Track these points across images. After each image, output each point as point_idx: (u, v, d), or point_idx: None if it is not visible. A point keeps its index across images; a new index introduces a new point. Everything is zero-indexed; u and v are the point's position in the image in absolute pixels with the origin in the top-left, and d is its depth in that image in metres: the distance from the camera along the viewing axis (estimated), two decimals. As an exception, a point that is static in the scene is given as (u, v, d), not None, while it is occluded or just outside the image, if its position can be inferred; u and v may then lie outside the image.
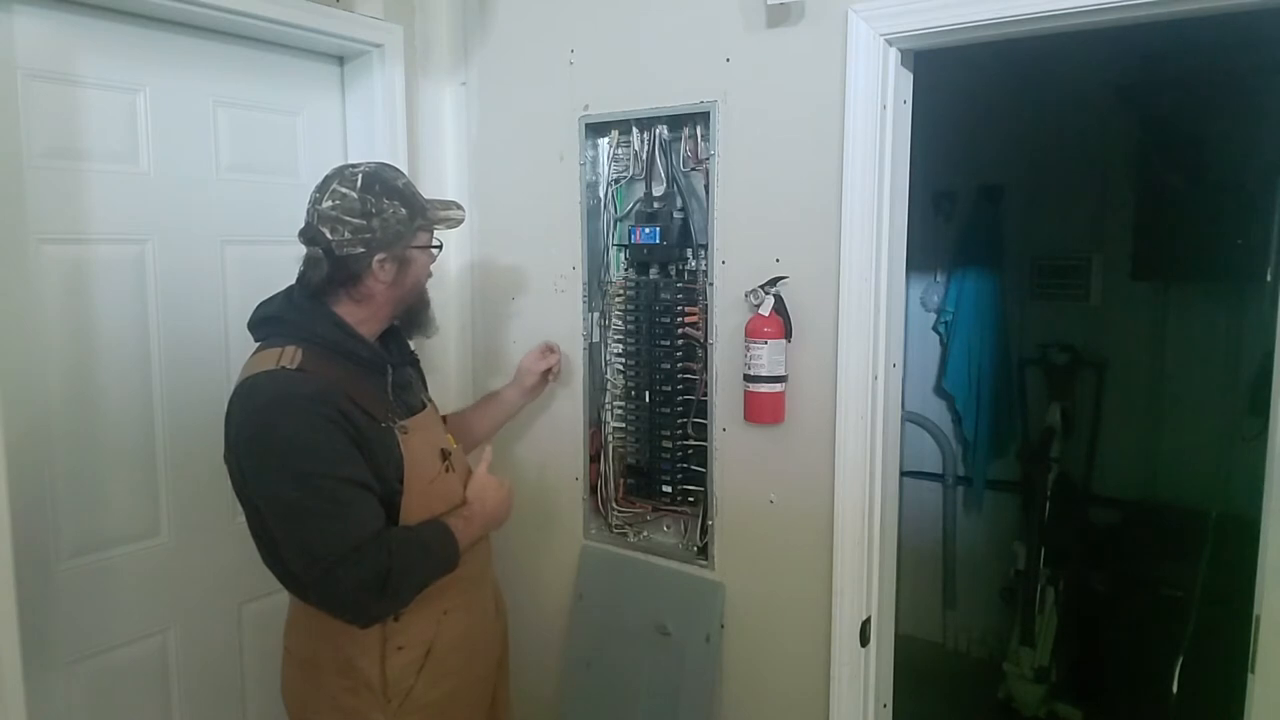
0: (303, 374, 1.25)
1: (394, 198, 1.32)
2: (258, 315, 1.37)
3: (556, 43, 1.92)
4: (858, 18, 1.50)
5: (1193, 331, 2.86)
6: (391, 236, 1.31)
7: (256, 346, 1.35)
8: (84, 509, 1.65)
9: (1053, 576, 2.83)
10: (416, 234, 1.36)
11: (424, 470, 1.36)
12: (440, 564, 1.32)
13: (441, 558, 1.32)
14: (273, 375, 1.25)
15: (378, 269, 1.32)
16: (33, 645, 1.48)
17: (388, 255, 1.32)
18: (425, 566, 1.30)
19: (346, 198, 1.29)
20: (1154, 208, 2.74)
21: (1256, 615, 1.29)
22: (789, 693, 1.73)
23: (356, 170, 1.33)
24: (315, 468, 1.21)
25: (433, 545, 1.32)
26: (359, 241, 1.29)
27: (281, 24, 1.79)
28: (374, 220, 1.29)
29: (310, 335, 1.30)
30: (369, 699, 1.33)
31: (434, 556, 1.31)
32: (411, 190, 1.36)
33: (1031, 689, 2.79)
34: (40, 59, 1.55)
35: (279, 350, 1.28)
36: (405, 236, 1.33)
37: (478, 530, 1.42)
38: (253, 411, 1.25)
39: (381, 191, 1.31)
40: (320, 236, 1.29)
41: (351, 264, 1.31)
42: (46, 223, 1.57)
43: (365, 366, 1.35)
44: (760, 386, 1.63)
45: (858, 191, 1.54)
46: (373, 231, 1.29)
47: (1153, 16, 1.32)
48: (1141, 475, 2.97)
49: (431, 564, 1.31)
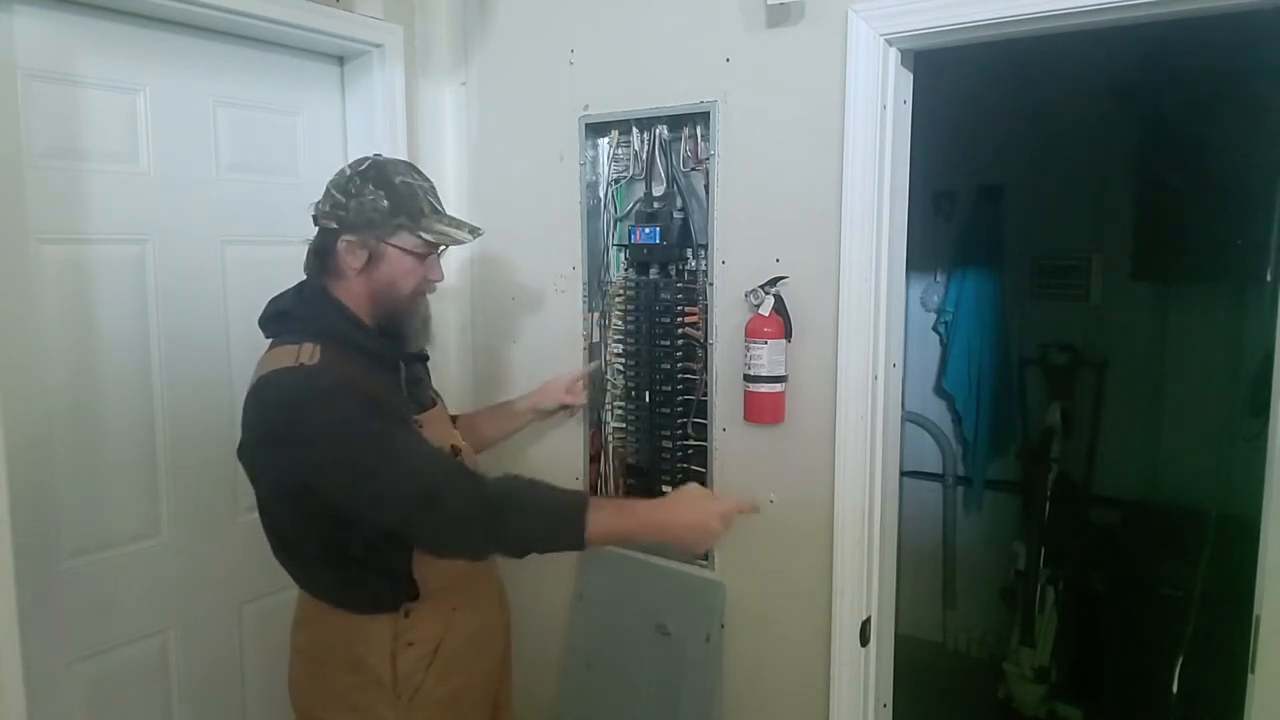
0: (323, 370, 1.25)
1: (381, 188, 1.32)
2: (269, 311, 1.37)
3: (556, 43, 1.92)
4: (858, 18, 1.50)
5: (1193, 331, 2.86)
6: (361, 221, 1.31)
7: (270, 343, 1.35)
8: (84, 509, 1.65)
9: (1053, 576, 2.83)
10: (396, 231, 1.33)
11: None
12: (555, 530, 1.23)
13: (559, 525, 1.22)
14: (293, 371, 1.25)
15: (346, 250, 1.32)
16: (33, 645, 1.48)
17: (356, 240, 1.32)
18: (540, 525, 1.23)
19: (342, 174, 1.35)
20: (1154, 208, 2.74)
21: (1256, 615, 1.29)
22: (789, 692, 1.73)
23: (373, 157, 1.38)
24: (362, 426, 1.20)
25: (556, 510, 1.23)
26: (333, 217, 1.33)
27: (281, 24, 1.79)
28: (351, 201, 1.31)
29: (324, 331, 1.30)
30: (378, 695, 1.33)
31: (553, 521, 1.23)
32: (410, 192, 1.34)
33: (1031, 689, 2.79)
34: (40, 59, 1.55)
35: (296, 347, 1.27)
36: (378, 227, 1.32)
37: (634, 525, 1.32)
38: (278, 408, 1.24)
39: (373, 179, 1.32)
40: (318, 204, 1.35)
41: (325, 237, 1.34)
42: (46, 223, 1.57)
43: (378, 361, 1.35)
44: (760, 386, 1.63)
45: (858, 191, 1.54)
46: (346, 210, 1.31)
47: (1153, 16, 1.32)
48: (1141, 475, 2.97)
49: (547, 526, 1.23)
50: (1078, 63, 2.67)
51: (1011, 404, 3.20)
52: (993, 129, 3.04)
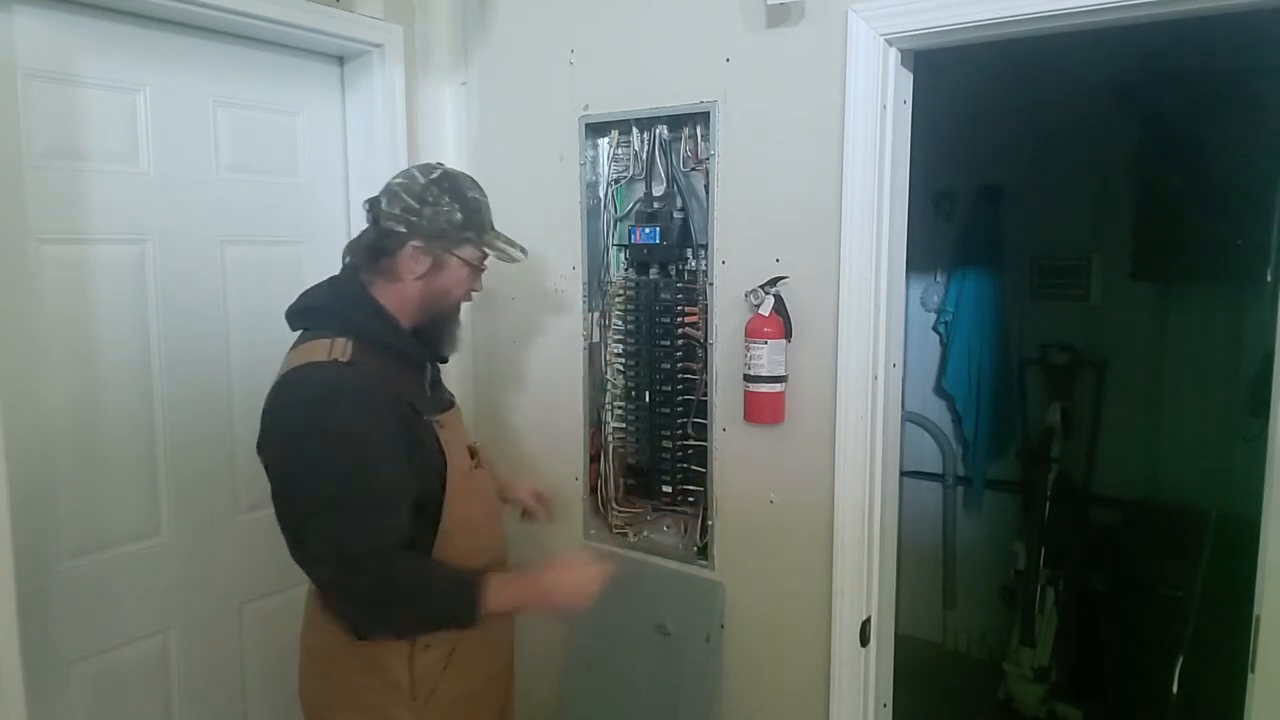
0: (355, 367, 1.25)
1: (456, 200, 1.35)
2: (301, 304, 1.38)
3: (556, 43, 1.93)
4: (858, 18, 1.50)
5: (1193, 331, 2.86)
6: (435, 231, 1.33)
7: (299, 336, 1.35)
8: (84, 509, 1.65)
9: (1053, 576, 2.83)
10: (462, 244, 1.37)
11: (459, 465, 1.37)
12: (445, 617, 1.28)
13: (450, 613, 1.27)
14: (324, 367, 1.25)
15: (411, 255, 1.34)
16: (33, 645, 1.48)
17: (425, 246, 1.34)
18: (428, 615, 1.27)
19: (414, 180, 1.35)
20: (1154, 208, 2.74)
21: (1256, 615, 1.29)
22: (789, 692, 1.73)
23: (440, 166, 1.39)
24: (363, 461, 1.21)
25: (446, 596, 1.27)
26: (404, 221, 1.33)
27: (281, 24, 1.79)
28: (426, 208, 1.33)
29: (357, 327, 1.31)
30: (394, 697, 1.33)
31: (441, 609, 1.27)
32: (478, 207, 1.38)
33: (1031, 689, 2.79)
34: (40, 59, 1.55)
35: (329, 342, 1.27)
36: (448, 238, 1.35)
37: (522, 599, 1.34)
38: (306, 403, 1.24)
39: (447, 190, 1.35)
40: (377, 204, 1.36)
41: (390, 239, 1.34)
42: (46, 223, 1.57)
43: (406, 361, 1.36)
44: (760, 386, 1.63)
45: (858, 191, 1.54)
46: (420, 216, 1.33)
47: (1153, 16, 1.32)
48: (1141, 475, 2.97)
49: (435, 614, 1.27)
50: (1078, 63, 2.67)
51: (1011, 404, 3.20)
52: (993, 129, 3.03)
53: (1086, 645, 2.85)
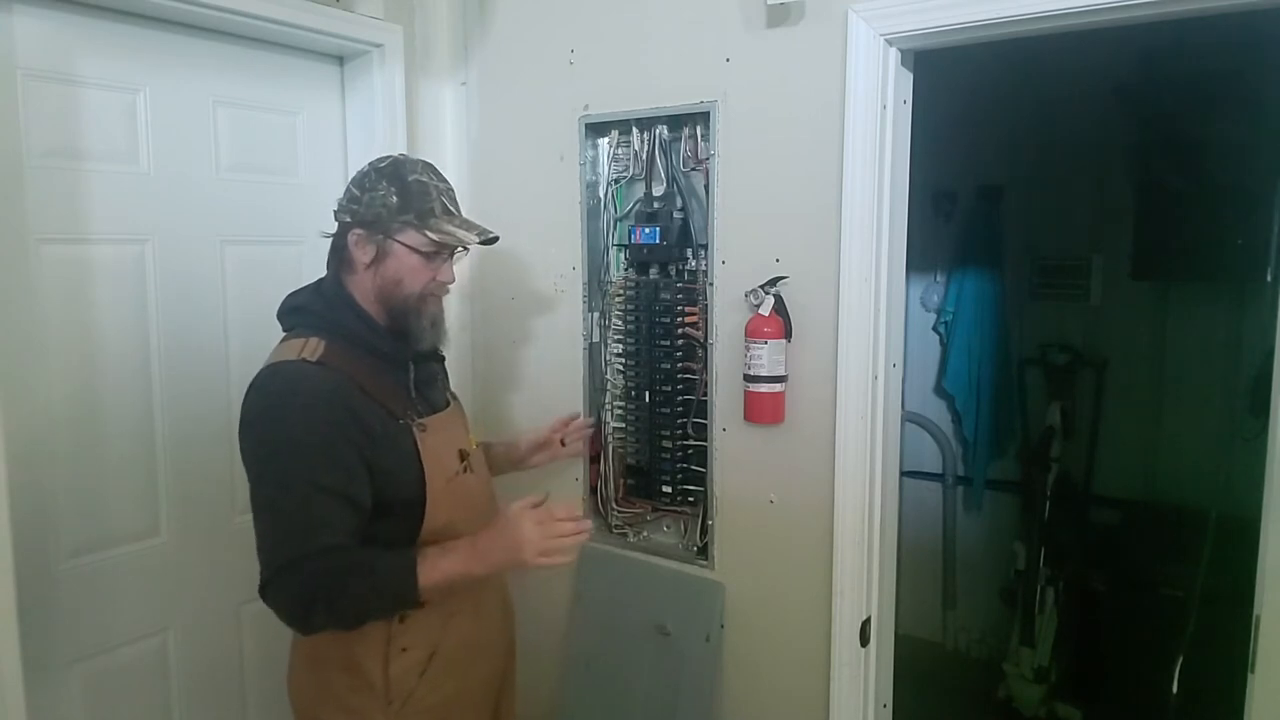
0: (320, 368, 1.26)
1: (394, 185, 1.34)
2: (286, 305, 1.39)
3: (556, 43, 1.92)
4: (858, 18, 1.50)
5: (1193, 331, 2.87)
6: (371, 217, 1.33)
7: (283, 335, 1.37)
8: (84, 509, 1.65)
9: (1053, 577, 2.83)
10: (403, 229, 1.33)
11: (441, 469, 1.36)
12: (387, 598, 1.25)
13: (390, 592, 1.24)
14: (290, 366, 1.26)
15: (355, 243, 1.35)
16: (33, 645, 1.48)
17: (365, 234, 1.34)
18: (368, 597, 1.24)
19: (360, 171, 1.39)
20: (1154, 208, 2.74)
21: (1256, 615, 1.29)
22: (789, 693, 1.73)
23: (393, 156, 1.41)
24: (300, 471, 1.21)
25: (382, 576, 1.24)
26: (347, 210, 1.36)
27: (281, 24, 1.79)
28: (365, 195, 1.34)
29: (334, 327, 1.32)
30: (370, 699, 1.33)
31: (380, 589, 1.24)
32: (423, 190, 1.34)
33: (1031, 689, 2.79)
34: (40, 59, 1.55)
35: (302, 341, 1.29)
36: (385, 223, 1.33)
37: (464, 566, 1.26)
38: (263, 399, 1.26)
39: (387, 176, 1.35)
40: (340, 199, 1.39)
41: (339, 230, 1.38)
42: (46, 223, 1.57)
43: (387, 361, 1.36)
44: (760, 386, 1.63)
45: (858, 191, 1.54)
46: (359, 204, 1.34)
47: (1153, 16, 1.32)
48: (1141, 475, 2.97)
49: (376, 596, 1.24)
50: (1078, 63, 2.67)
51: (1011, 404, 3.20)
52: (993, 129, 3.04)
53: (1086, 645, 2.85)
